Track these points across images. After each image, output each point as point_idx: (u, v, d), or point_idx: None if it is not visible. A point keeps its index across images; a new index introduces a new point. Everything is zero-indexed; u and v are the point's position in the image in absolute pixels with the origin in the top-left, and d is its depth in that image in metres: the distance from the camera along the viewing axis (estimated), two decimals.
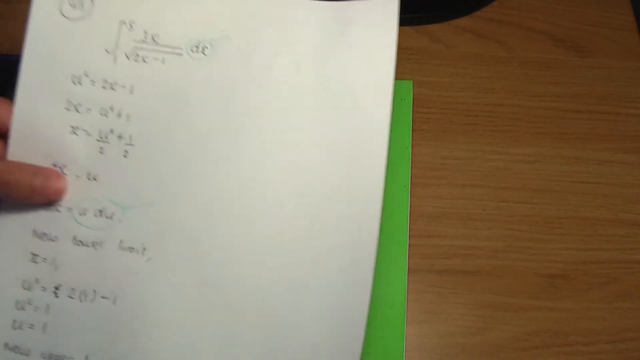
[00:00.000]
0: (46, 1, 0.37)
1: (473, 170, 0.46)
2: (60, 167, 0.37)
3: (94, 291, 0.36)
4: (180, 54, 0.38)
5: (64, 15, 0.38)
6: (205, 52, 0.38)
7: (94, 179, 0.37)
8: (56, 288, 0.36)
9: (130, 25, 0.38)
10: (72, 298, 0.36)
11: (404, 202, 0.40)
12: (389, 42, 0.39)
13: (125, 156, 0.37)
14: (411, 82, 0.48)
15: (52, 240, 0.36)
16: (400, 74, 0.49)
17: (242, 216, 0.37)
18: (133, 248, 0.36)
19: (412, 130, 0.41)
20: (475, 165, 0.46)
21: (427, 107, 0.48)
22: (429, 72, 0.49)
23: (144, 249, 0.36)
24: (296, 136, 0.38)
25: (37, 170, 0.36)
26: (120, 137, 0.37)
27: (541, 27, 0.52)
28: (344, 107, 0.38)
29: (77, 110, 0.37)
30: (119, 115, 0.37)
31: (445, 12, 0.52)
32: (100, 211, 0.37)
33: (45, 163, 0.37)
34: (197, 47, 0.38)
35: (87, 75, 0.37)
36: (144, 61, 0.38)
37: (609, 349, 0.40)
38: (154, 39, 0.38)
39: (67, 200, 0.36)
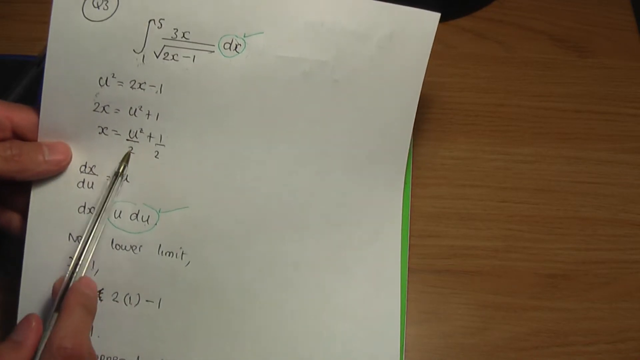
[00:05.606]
0: (66, 3, 0.36)
1: (473, 170, 0.46)
2: (90, 168, 0.36)
3: (139, 295, 0.36)
4: (212, 51, 0.36)
5: (86, 17, 0.36)
6: (238, 50, 0.36)
7: (126, 180, 0.36)
8: (99, 292, 0.36)
9: (160, 22, 0.36)
10: (117, 302, 0.36)
11: (404, 202, 0.40)
12: (420, 67, 0.40)
13: (156, 157, 0.37)
14: None
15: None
16: None
17: (277, 227, 0.37)
18: (172, 252, 0.36)
19: (412, 130, 0.40)
20: (475, 165, 0.46)
21: (427, 107, 0.48)
22: (428, 72, 0.49)
23: (183, 253, 0.36)
24: (326, 147, 0.37)
25: (45, 146, 0.36)
26: (150, 136, 0.37)
27: (541, 27, 0.52)
28: (372, 125, 0.38)
29: (105, 111, 0.36)
30: (148, 114, 0.36)
31: (445, 12, 0.52)
32: (136, 214, 0.36)
33: (74, 164, 0.36)
34: (229, 43, 0.36)
35: (114, 77, 0.36)
36: (174, 59, 0.36)
37: (609, 349, 0.40)
38: (184, 36, 0.36)
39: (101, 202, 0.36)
